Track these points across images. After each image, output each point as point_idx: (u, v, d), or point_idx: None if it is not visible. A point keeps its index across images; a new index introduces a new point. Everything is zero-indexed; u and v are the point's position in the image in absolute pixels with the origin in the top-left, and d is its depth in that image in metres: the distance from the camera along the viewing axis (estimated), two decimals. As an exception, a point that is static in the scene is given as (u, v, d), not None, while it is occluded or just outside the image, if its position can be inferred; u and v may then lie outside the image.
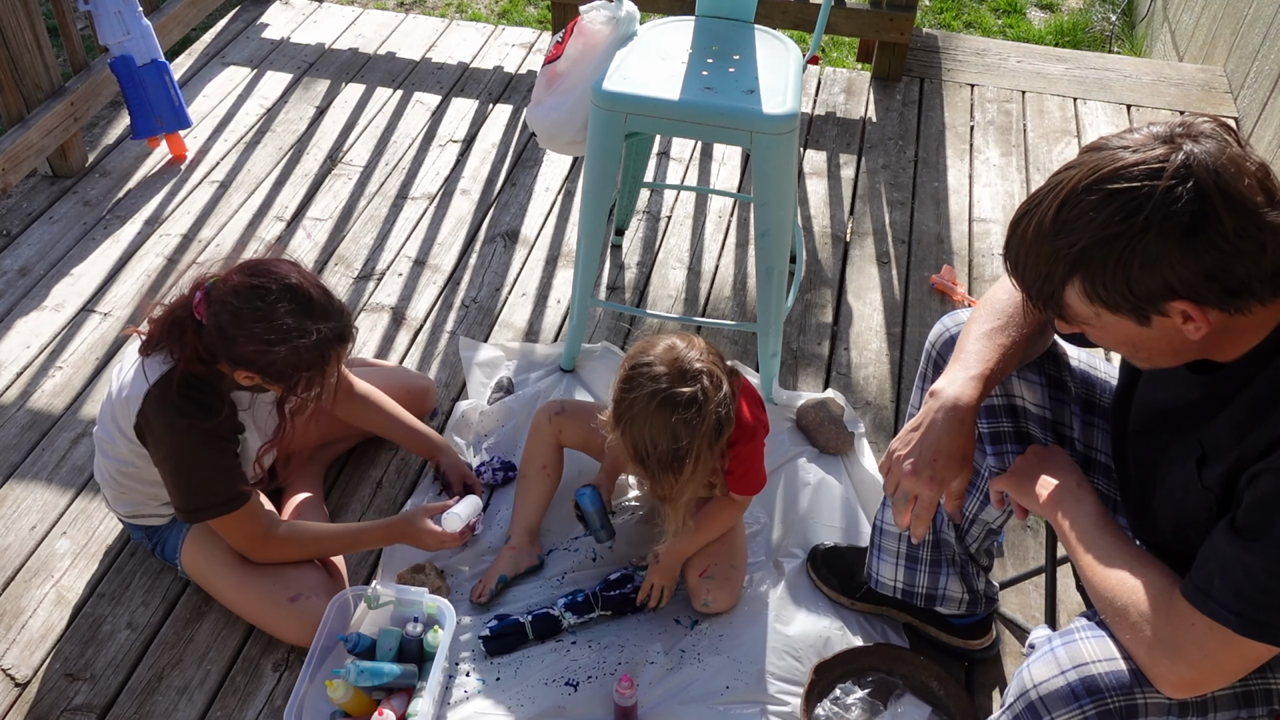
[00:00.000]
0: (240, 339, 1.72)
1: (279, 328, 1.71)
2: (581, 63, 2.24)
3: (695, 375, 1.76)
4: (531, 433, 2.16)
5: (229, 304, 1.72)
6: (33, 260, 2.88)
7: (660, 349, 1.80)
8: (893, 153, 3.35)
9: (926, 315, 2.75)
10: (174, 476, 1.84)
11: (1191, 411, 1.31)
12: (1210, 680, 1.24)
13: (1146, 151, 1.14)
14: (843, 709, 1.85)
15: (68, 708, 1.91)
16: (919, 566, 1.86)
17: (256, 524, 1.91)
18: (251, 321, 1.71)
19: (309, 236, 2.99)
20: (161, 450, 1.82)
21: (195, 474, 1.83)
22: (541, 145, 2.37)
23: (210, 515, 1.87)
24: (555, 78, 2.27)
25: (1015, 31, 4.66)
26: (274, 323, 1.71)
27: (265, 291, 1.72)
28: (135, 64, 3.06)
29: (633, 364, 1.81)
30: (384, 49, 3.80)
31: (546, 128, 2.29)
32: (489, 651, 1.95)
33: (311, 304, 1.75)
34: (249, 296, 1.72)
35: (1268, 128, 3.21)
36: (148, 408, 1.79)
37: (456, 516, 2.02)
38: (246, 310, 1.72)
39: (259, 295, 1.72)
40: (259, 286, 1.73)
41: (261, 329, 1.71)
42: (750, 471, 1.96)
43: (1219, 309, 1.15)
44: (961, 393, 1.45)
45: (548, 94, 2.29)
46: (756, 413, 1.96)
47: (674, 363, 1.77)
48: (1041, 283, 1.22)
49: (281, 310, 1.72)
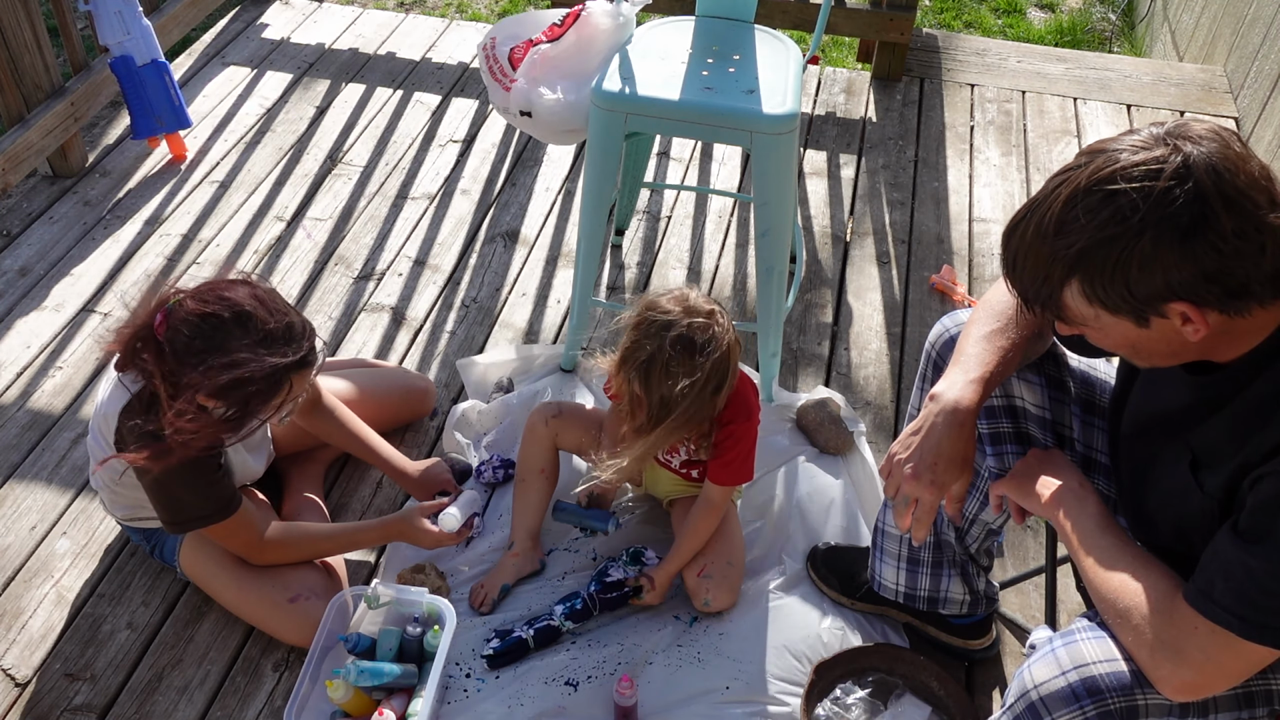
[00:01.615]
0: (192, 369, 1.68)
1: (230, 359, 1.67)
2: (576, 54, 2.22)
3: (707, 313, 1.83)
4: (527, 436, 2.15)
5: (181, 333, 1.69)
6: (33, 260, 2.88)
7: (672, 294, 1.87)
8: (893, 153, 3.35)
9: (926, 315, 2.75)
10: (155, 494, 1.83)
11: (1184, 415, 1.31)
12: (1212, 683, 1.24)
13: (1145, 153, 1.14)
14: (843, 709, 1.85)
15: (68, 708, 1.91)
16: (921, 569, 1.86)
17: (250, 531, 1.90)
18: (203, 352, 1.68)
19: (309, 236, 2.99)
20: (139, 469, 1.79)
21: (176, 490, 1.82)
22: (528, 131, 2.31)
23: (197, 526, 1.86)
24: (547, 61, 2.23)
25: (1015, 31, 4.66)
26: (226, 353, 1.68)
27: (218, 320, 1.69)
28: (135, 64, 3.06)
29: (645, 307, 1.86)
30: (384, 49, 3.80)
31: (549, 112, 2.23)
32: (492, 667, 1.94)
33: (267, 333, 1.71)
34: (200, 326, 1.69)
35: (1268, 128, 3.21)
36: (123, 428, 1.77)
37: (453, 517, 2.02)
38: (198, 341, 1.68)
39: (211, 324, 1.69)
40: (211, 314, 1.69)
41: (212, 358, 1.67)
42: (738, 458, 1.95)
43: (1218, 311, 1.15)
44: (961, 396, 1.45)
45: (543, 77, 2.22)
46: (753, 398, 1.96)
47: (683, 300, 1.84)
48: (1040, 284, 1.22)
49: (234, 341, 1.68)
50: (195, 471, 1.80)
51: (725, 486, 1.98)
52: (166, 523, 1.87)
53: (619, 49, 2.25)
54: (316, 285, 2.83)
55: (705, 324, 1.81)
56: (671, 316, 1.81)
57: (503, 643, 1.94)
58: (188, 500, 1.83)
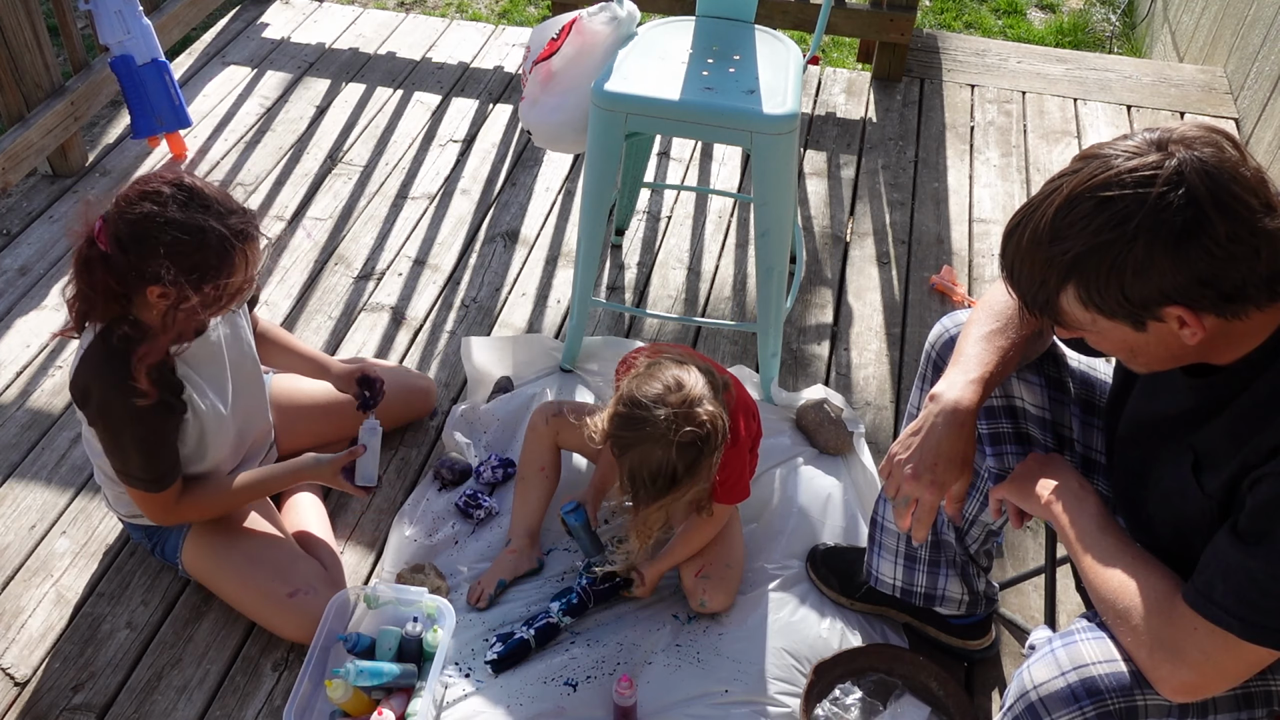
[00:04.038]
0: (139, 250, 1.68)
1: (175, 227, 1.67)
2: (579, 62, 2.24)
3: (700, 422, 1.73)
4: (529, 434, 2.15)
5: (124, 217, 1.69)
6: (33, 260, 2.88)
7: (661, 386, 1.75)
8: (893, 153, 3.35)
9: (926, 316, 2.75)
10: (105, 440, 1.83)
11: (1184, 417, 1.31)
12: (1212, 684, 1.24)
13: (1139, 158, 1.14)
14: (842, 709, 1.85)
15: (67, 707, 1.91)
16: (918, 566, 1.86)
17: (168, 500, 1.90)
18: (147, 226, 1.67)
19: (309, 236, 2.99)
20: (92, 412, 1.80)
21: (127, 444, 1.81)
22: (538, 145, 2.37)
23: (131, 485, 1.86)
24: (550, 76, 2.26)
25: (1015, 32, 4.66)
26: (170, 223, 1.67)
27: (156, 195, 1.69)
28: (135, 63, 3.06)
29: (631, 398, 1.76)
30: (384, 49, 3.80)
31: (546, 129, 2.29)
32: (497, 673, 1.93)
33: (207, 201, 1.70)
34: (139, 204, 1.68)
35: (1268, 129, 3.21)
36: (80, 372, 1.78)
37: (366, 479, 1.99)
38: (140, 218, 1.68)
39: (150, 199, 1.68)
40: (149, 192, 1.69)
41: (157, 231, 1.67)
42: (731, 478, 1.94)
43: (1215, 314, 1.16)
44: (961, 397, 1.45)
45: (543, 93, 2.27)
46: (748, 423, 1.95)
47: (680, 404, 1.73)
48: (1037, 290, 1.22)
49: (174, 210, 1.67)
50: (148, 429, 1.80)
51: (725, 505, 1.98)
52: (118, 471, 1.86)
53: (624, 44, 2.26)
54: (316, 285, 2.83)
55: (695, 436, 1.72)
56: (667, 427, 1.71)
57: (505, 646, 1.94)
58: (134, 459, 1.82)
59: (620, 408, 1.78)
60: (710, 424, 1.74)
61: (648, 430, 1.73)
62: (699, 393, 1.75)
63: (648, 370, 1.81)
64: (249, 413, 2.03)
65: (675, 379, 1.76)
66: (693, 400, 1.74)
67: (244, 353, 1.99)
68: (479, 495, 2.20)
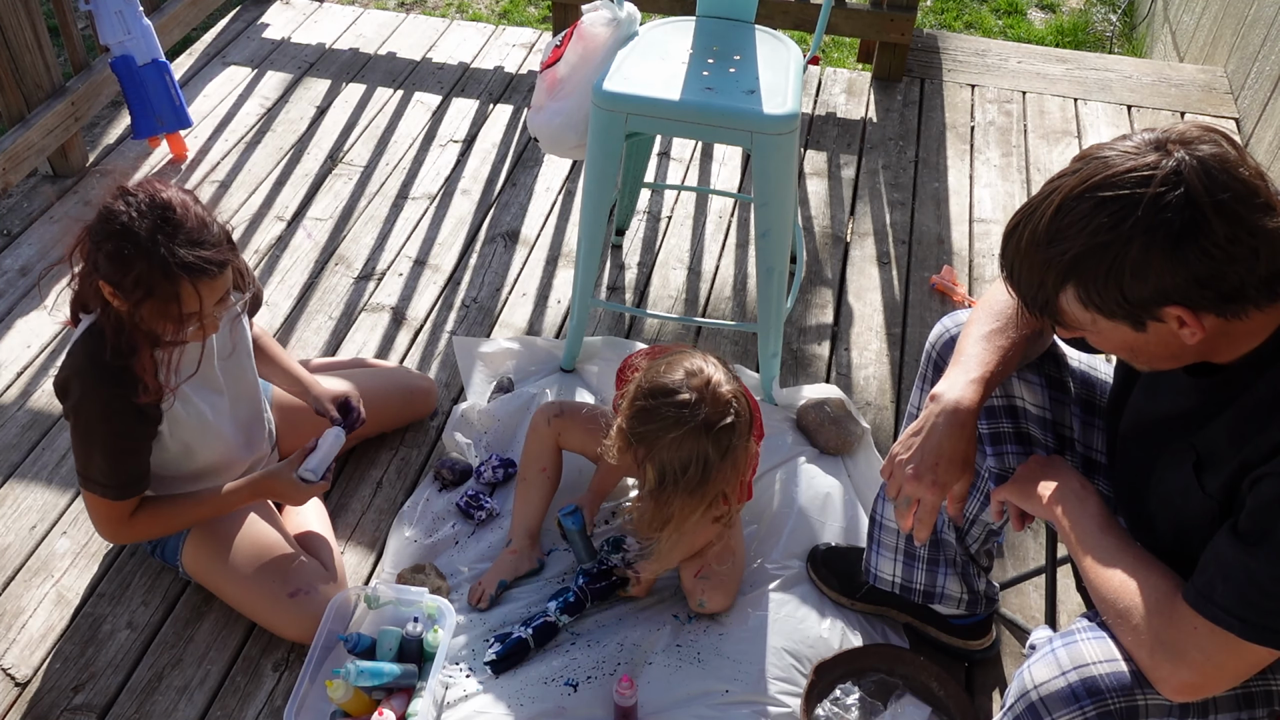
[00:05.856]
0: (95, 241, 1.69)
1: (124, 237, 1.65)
2: (582, 67, 2.24)
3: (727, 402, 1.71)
4: (530, 435, 2.15)
5: (103, 205, 1.70)
6: (33, 260, 2.88)
7: (682, 373, 1.72)
8: (893, 153, 3.35)
9: (927, 316, 2.75)
10: (75, 437, 1.82)
11: (1186, 417, 1.31)
12: (1212, 684, 1.24)
13: (1137, 159, 1.14)
14: (843, 709, 1.85)
15: (68, 707, 1.91)
16: (917, 563, 1.86)
17: (123, 513, 1.88)
18: (109, 224, 1.67)
19: (309, 236, 2.99)
20: (69, 407, 1.79)
21: (94, 448, 1.80)
22: (544, 151, 2.37)
23: (90, 490, 1.83)
24: (555, 83, 2.27)
25: (1016, 32, 4.66)
26: (123, 232, 1.66)
27: (131, 199, 1.68)
28: (136, 64, 3.06)
29: (653, 389, 1.72)
30: (384, 49, 3.80)
31: (550, 134, 2.29)
32: (496, 673, 1.93)
33: (174, 227, 1.68)
34: (118, 200, 1.69)
35: (1268, 129, 3.21)
36: (64, 366, 1.78)
37: (310, 472, 1.95)
38: (107, 214, 1.68)
39: (126, 200, 1.68)
40: (130, 195, 1.69)
41: (111, 234, 1.67)
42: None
43: (1214, 314, 1.16)
44: (962, 396, 1.45)
45: (549, 99, 2.28)
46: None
47: (705, 387, 1.70)
48: (1036, 290, 1.23)
49: (137, 221, 1.66)
50: (119, 435, 1.79)
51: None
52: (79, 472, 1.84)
53: (625, 44, 2.26)
54: (317, 285, 2.83)
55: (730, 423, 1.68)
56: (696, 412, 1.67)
57: (504, 646, 1.94)
58: (98, 463, 1.81)
59: (640, 401, 1.73)
60: (737, 403, 1.72)
61: (675, 417, 1.68)
62: (720, 376, 1.73)
63: (661, 363, 1.78)
64: (248, 414, 2.03)
65: (694, 365, 1.74)
66: (716, 383, 1.71)
67: (243, 355, 1.99)
68: (480, 495, 2.20)
